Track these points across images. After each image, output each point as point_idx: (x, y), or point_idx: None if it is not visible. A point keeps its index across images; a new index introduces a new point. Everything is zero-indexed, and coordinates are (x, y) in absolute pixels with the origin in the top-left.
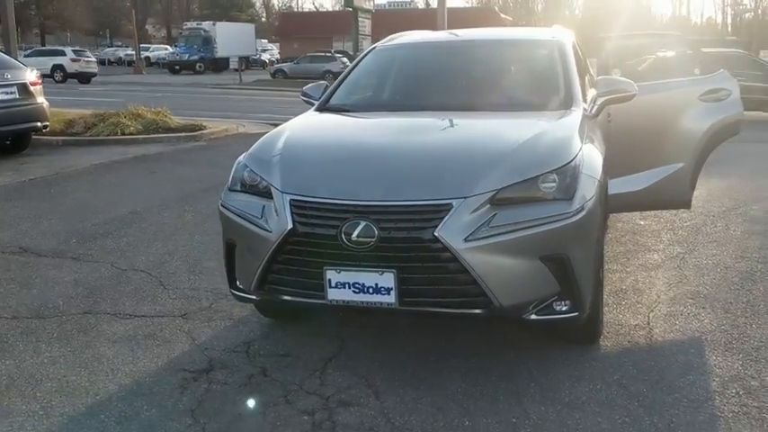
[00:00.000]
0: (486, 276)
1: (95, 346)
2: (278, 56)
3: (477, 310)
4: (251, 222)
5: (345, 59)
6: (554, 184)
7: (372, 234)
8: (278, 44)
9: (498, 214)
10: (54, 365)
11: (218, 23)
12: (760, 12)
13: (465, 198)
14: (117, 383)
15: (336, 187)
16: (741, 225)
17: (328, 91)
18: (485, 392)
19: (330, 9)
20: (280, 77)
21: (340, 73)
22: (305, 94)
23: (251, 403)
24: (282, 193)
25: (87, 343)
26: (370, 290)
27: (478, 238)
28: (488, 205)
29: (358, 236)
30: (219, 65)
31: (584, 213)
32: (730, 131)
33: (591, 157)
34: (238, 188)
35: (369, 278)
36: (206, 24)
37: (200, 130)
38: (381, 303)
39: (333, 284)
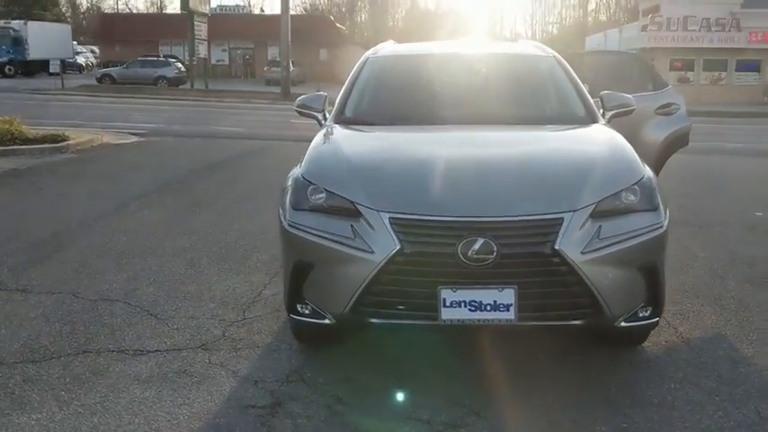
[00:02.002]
0: (600, 287)
1: (126, 389)
2: (94, 59)
3: (581, 321)
4: (341, 243)
5: (180, 65)
6: (637, 197)
7: (491, 251)
8: (96, 47)
9: (603, 226)
10: (95, 416)
11: (30, 23)
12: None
13: (574, 211)
14: (188, 429)
15: (445, 204)
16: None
17: (338, 103)
18: (578, 404)
19: (146, 11)
20: (107, 83)
21: (176, 78)
22: (303, 106)
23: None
24: (378, 211)
25: (112, 387)
26: (488, 307)
27: (593, 250)
28: (591, 218)
29: (476, 253)
30: (31, 68)
31: (667, 222)
32: (682, 143)
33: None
34: (306, 207)
35: (487, 295)
36: (16, 23)
37: (64, 141)
38: (500, 320)
39: (447, 304)
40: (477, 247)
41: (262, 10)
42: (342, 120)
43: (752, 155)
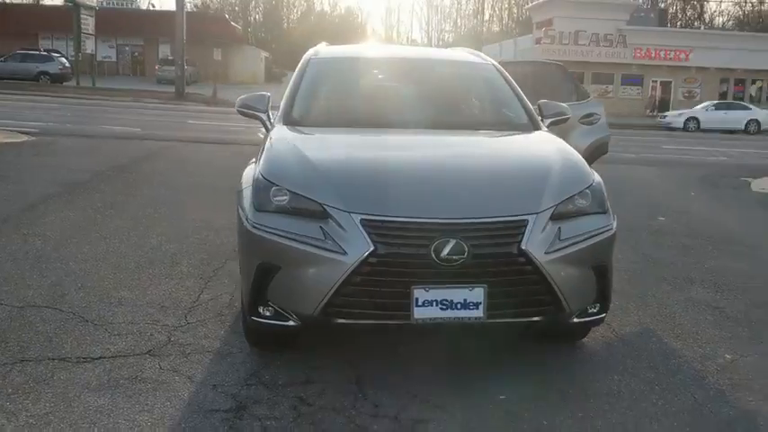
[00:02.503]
0: (561, 285)
1: (77, 397)
2: None
3: (542, 317)
4: (310, 245)
5: (64, 60)
6: (588, 201)
7: (462, 251)
8: None
9: (562, 228)
10: (49, 426)
11: None
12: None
13: (537, 214)
14: None
15: (417, 206)
16: None
17: (285, 104)
18: (535, 397)
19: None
20: None
21: (59, 74)
22: (246, 106)
23: None
24: (349, 213)
25: (61, 395)
26: (458, 306)
27: (555, 250)
28: (551, 221)
29: (449, 253)
30: None
31: (615, 224)
32: (602, 150)
33: None
34: (270, 209)
35: (458, 294)
36: None
37: None
38: (470, 318)
39: (420, 303)
40: (449, 247)
41: (152, 5)
42: (291, 121)
43: (644, 164)
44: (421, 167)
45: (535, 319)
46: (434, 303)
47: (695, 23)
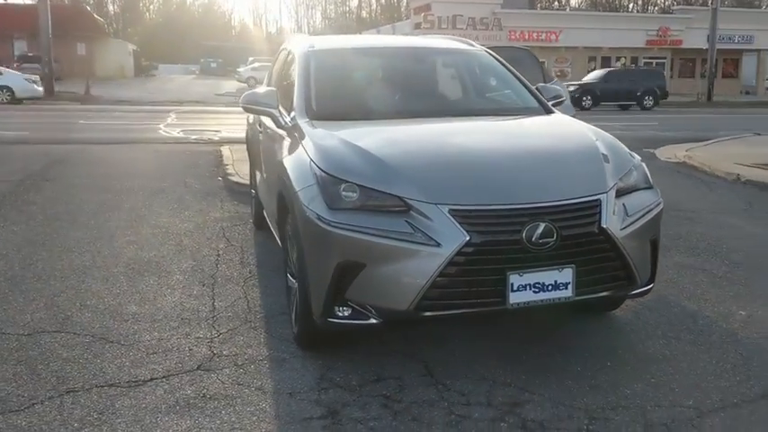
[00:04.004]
0: (634, 258)
1: (156, 423)
2: None
3: (619, 291)
4: (400, 240)
5: None
6: (637, 178)
7: (552, 234)
8: None
9: (626, 204)
10: None
11: None
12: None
13: (606, 192)
14: None
15: (503, 192)
16: None
17: (301, 98)
18: (605, 368)
19: None
20: None
21: None
22: (255, 102)
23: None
24: (435, 204)
25: (138, 422)
26: (550, 287)
27: (626, 226)
28: (615, 198)
29: (540, 237)
30: None
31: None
32: None
33: None
34: (345, 206)
35: (549, 276)
36: None
37: None
38: (560, 298)
39: (515, 288)
40: (540, 231)
41: None
42: (316, 116)
43: None
44: (488, 155)
45: (608, 293)
46: (528, 287)
47: (554, 4)
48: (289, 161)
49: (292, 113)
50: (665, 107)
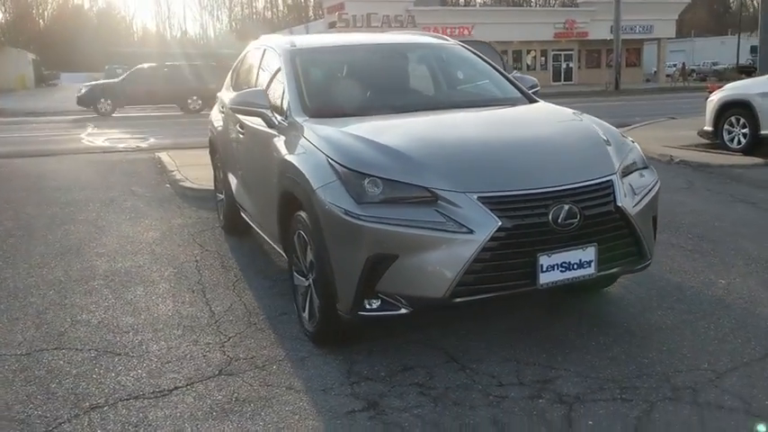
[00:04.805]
0: (645, 235)
1: (204, 430)
2: None
3: (631, 266)
4: (432, 229)
5: None
6: (635, 159)
7: (575, 214)
8: None
9: (632, 183)
10: None
11: None
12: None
13: (615, 173)
14: None
15: (526, 177)
16: None
17: (294, 97)
18: (616, 337)
19: None
20: None
21: None
22: (245, 103)
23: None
24: (464, 193)
25: (177, 429)
26: (575, 266)
27: (636, 204)
28: (622, 179)
29: (565, 218)
30: None
31: None
32: None
33: None
34: (371, 200)
35: (574, 255)
36: None
37: None
38: (584, 276)
39: (544, 269)
40: (565, 212)
41: None
42: (314, 114)
43: None
44: (505, 143)
45: (629, 268)
46: (556, 267)
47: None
48: (298, 159)
49: (286, 112)
50: (577, 97)
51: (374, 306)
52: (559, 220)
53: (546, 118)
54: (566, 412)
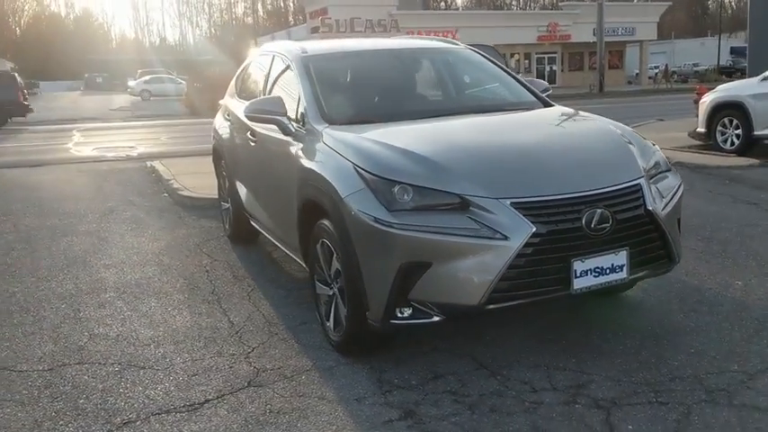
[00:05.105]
0: (673, 237)
1: None
2: None
3: (660, 270)
4: (466, 236)
5: None
6: (658, 162)
7: (607, 219)
8: None
9: (658, 186)
10: None
11: None
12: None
13: (643, 177)
14: None
15: (558, 182)
16: None
17: (312, 104)
18: (644, 341)
19: None
20: None
21: None
22: (263, 111)
23: (517, 416)
24: (497, 199)
25: None
26: (608, 270)
27: (664, 207)
28: (648, 182)
29: (597, 222)
30: None
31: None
32: None
33: None
34: (402, 207)
35: (606, 260)
36: None
37: None
38: (616, 281)
39: (578, 274)
40: (597, 217)
41: None
42: (332, 120)
43: None
44: (533, 148)
45: (660, 270)
46: (589, 272)
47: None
48: (321, 167)
49: (303, 119)
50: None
51: (406, 314)
52: (592, 225)
53: (567, 122)
54: (604, 417)
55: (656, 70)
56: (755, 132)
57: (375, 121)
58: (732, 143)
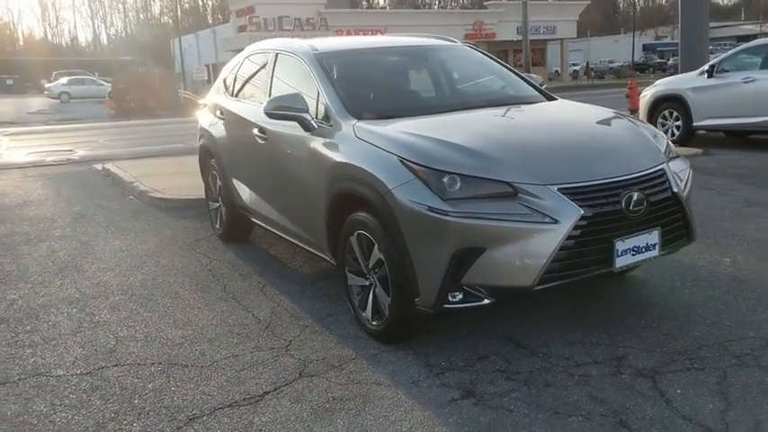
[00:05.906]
0: (692, 217)
1: (317, 428)
2: None
3: (682, 247)
4: (519, 221)
5: None
6: (668, 149)
7: (643, 201)
8: None
9: (675, 171)
10: None
11: None
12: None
13: (666, 162)
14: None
15: (599, 168)
16: None
17: (335, 100)
18: (664, 314)
19: None
20: None
21: None
22: (283, 108)
23: (573, 390)
24: (545, 185)
25: (289, 430)
26: (643, 249)
27: (684, 189)
28: (667, 165)
29: (635, 204)
30: None
31: None
32: None
33: None
34: (453, 196)
35: (642, 239)
36: None
37: None
38: (649, 258)
39: (620, 253)
40: (635, 199)
41: None
42: (357, 115)
43: None
44: (566, 136)
45: (675, 248)
46: (628, 251)
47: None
48: (361, 160)
49: (327, 115)
50: None
51: (458, 299)
52: (630, 207)
53: (583, 113)
54: (651, 384)
55: (578, 67)
56: (694, 123)
57: (403, 116)
58: (672, 134)
